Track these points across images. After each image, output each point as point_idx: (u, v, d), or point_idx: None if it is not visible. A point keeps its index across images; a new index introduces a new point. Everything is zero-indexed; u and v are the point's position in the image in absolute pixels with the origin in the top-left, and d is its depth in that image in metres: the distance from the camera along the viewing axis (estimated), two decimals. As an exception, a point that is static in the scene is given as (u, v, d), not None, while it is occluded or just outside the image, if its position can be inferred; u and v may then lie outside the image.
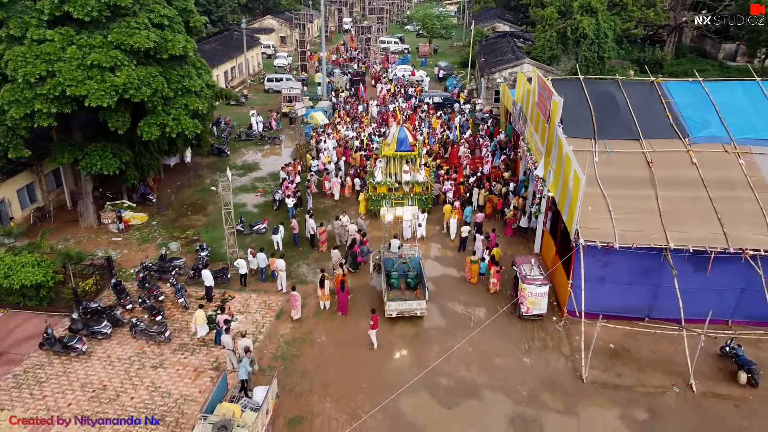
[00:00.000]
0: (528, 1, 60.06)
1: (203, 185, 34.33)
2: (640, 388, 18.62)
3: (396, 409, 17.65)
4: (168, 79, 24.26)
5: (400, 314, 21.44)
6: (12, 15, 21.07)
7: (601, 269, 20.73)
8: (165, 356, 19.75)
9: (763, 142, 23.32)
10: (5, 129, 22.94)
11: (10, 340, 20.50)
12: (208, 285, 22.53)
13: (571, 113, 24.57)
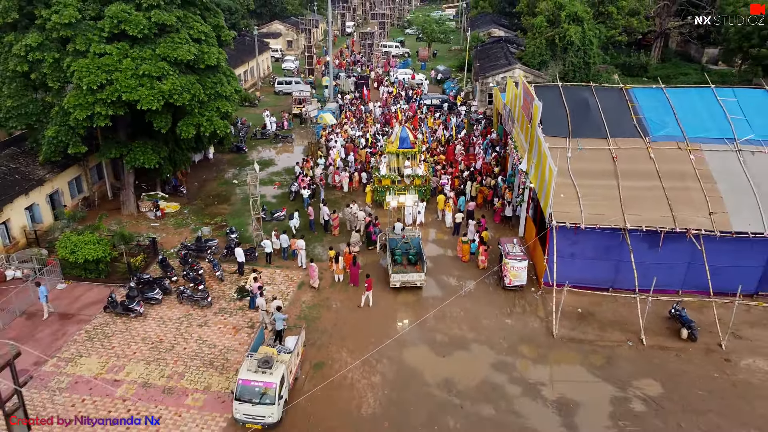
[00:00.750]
0: (521, 9, 64.10)
1: (225, 179, 38.41)
2: (601, 342, 22.68)
3: (400, 357, 21.71)
4: (203, 86, 28.26)
5: (402, 285, 25.49)
6: (78, 33, 25.05)
7: (571, 247, 24.79)
8: (208, 317, 23.80)
9: (712, 141, 27.38)
10: (67, 128, 26.96)
11: (77, 304, 24.54)
12: (240, 261, 26.59)
13: (549, 115, 28.61)
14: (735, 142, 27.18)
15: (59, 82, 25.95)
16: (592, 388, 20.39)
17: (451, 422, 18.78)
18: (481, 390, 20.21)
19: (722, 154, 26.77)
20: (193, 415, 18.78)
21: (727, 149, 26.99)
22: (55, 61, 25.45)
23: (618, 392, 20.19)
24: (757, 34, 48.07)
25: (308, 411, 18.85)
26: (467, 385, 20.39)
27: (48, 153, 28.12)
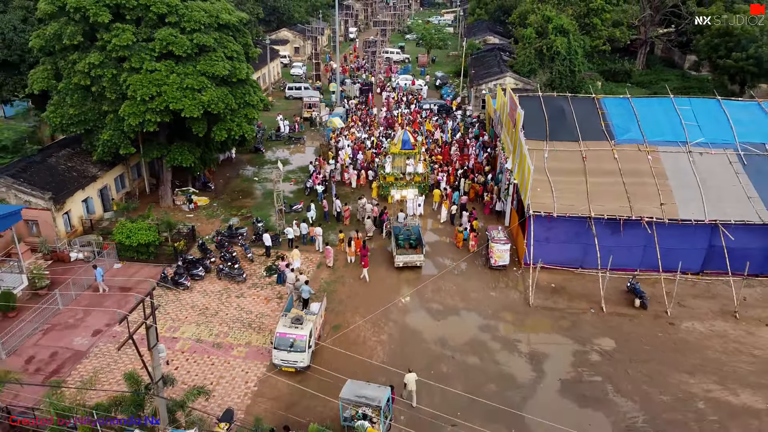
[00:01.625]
0: (513, 20, 68.99)
1: (247, 176, 43.24)
2: (569, 310, 27.53)
3: (403, 321, 26.57)
4: (234, 96, 33.06)
5: (405, 264, 30.33)
6: (133, 53, 29.81)
7: (546, 232, 29.65)
8: (243, 290, 28.64)
9: (667, 143, 32.25)
10: (120, 133, 31.75)
11: (133, 280, 29.36)
12: (267, 245, 31.42)
13: (530, 121, 33.47)
14: (687, 144, 32.07)
15: (116, 94, 30.70)
16: (559, 345, 25.26)
17: (444, 368, 23.62)
18: (468, 345, 25.08)
19: (675, 155, 31.66)
20: (239, 362, 23.63)
21: (680, 151, 31.88)
22: (113, 76, 30.22)
23: (579, 347, 25.06)
24: (724, 46, 52.96)
25: (330, 360, 23.61)
26: (457, 342, 25.26)
27: (102, 153, 32.93)
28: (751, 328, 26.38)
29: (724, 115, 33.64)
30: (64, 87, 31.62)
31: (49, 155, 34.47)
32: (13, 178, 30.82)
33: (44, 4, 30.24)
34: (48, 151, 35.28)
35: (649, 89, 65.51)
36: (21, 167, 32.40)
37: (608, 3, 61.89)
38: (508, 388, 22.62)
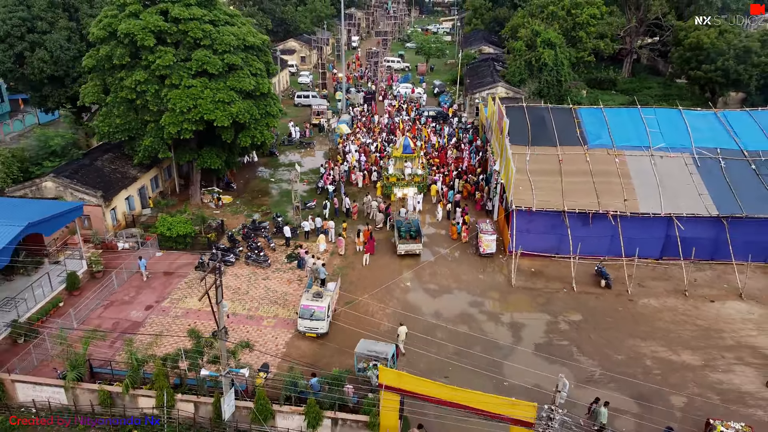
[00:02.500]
0: (505, 33, 74.06)
1: (264, 177, 48.25)
2: (545, 289, 32.51)
3: (405, 298, 31.56)
4: (257, 107, 38.08)
5: (406, 252, 35.31)
6: (173, 71, 34.83)
7: (527, 224, 34.63)
8: (268, 274, 33.62)
9: (633, 148, 37.27)
10: (159, 139, 36.77)
11: (174, 266, 34.34)
12: (287, 236, 36.42)
13: (515, 129, 38.52)
14: (649, 149, 37.11)
15: (157, 107, 35.71)
16: (535, 317, 30.24)
17: (439, 335, 28.59)
18: (459, 317, 30.08)
19: (639, 158, 36.70)
20: (269, 330, 28.62)
21: (643, 154, 36.92)
22: (155, 91, 35.23)
23: (552, 319, 30.05)
24: (695, 59, 58.02)
25: (345, 328, 28.54)
26: (450, 314, 30.26)
27: (142, 157, 37.95)
28: (698, 303, 31.38)
29: (684, 123, 38.70)
30: (111, 100, 36.64)
31: (94, 159, 39.52)
32: (68, 179, 35.84)
33: (97, 30, 35.28)
34: (93, 156, 40.36)
35: (632, 96, 70.36)
36: (73, 169, 37.44)
37: (593, 17, 66.74)
38: (492, 349, 27.57)
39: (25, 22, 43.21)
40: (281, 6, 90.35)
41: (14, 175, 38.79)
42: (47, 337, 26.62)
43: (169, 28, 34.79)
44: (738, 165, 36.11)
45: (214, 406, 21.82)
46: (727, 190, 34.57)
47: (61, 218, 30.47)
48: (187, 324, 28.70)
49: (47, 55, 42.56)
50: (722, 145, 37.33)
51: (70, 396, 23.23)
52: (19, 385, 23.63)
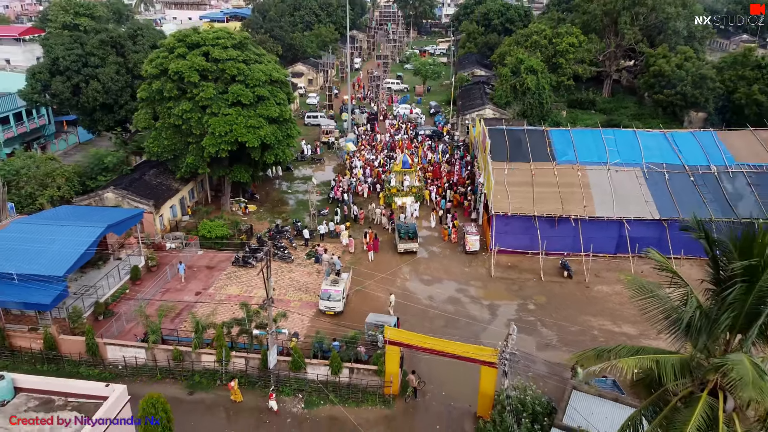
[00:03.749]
0: (494, 59, 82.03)
1: (282, 189, 55.79)
2: (518, 279, 39.90)
3: (404, 286, 38.94)
4: (281, 131, 45.65)
5: (405, 250, 42.72)
6: (213, 102, 42.42)
7: (504, 227, 42.07)
8: (291, 268, 41.00)
9: (593, 163, 44.74)
10: (200, 158, 44.27)
11: (214, 261, 41.73)
12: (306, 238, 43.86)
13: (496, 147, 46.07)
14: (607, 164, 44.63)
15: (199, 131, 43.26)
16: (509, 300, 37.60)
17: (431, 313, 35.92)
18: (448, 300, 37.46)
19: (598, 172, 44.20)
20: (296, 309, 35.95)
21: (602, 169, 44.42)
22: (198, 118, 42.80)
23: (522, 302, 37.41)
24: (658, 84, 65.82)
25: (356, 308, 35.90)
26: (440, 298, 37.64)
27: (184, 172, 45.48)
28: (641, 289, 38.70)
29: (637, 142, 46.29)
30: (160, 125, 44.22)
31: (143, 174, 47.05)
32: (125, 190, 43.35)
33: (150, 68, 42.96)
34: (141, 171, 47.87)
35: (610, 115, 78.15)
36: (128, 182, 44.96)
37: (572, 45, 74.64)
38: (473, 323, 34.91)
39: (81, 58, 51.02)
40: (290, 33, 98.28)
41: (76, 187, 46.26)
42: (123, 314, 34.05)
43: (210, 67, 42.48)
44: (679, 177, 43.64)
45: (262, 359, 29.14)
46: (669, 198, 42.07)
47: (128, 222, 37.89)
48: (230, 304, 36.10)
49: (100, 86, 50.30)
50: (668, 160, 44.86)
51: (150, 355, 30.53)
52: (109, 347, 30.92)
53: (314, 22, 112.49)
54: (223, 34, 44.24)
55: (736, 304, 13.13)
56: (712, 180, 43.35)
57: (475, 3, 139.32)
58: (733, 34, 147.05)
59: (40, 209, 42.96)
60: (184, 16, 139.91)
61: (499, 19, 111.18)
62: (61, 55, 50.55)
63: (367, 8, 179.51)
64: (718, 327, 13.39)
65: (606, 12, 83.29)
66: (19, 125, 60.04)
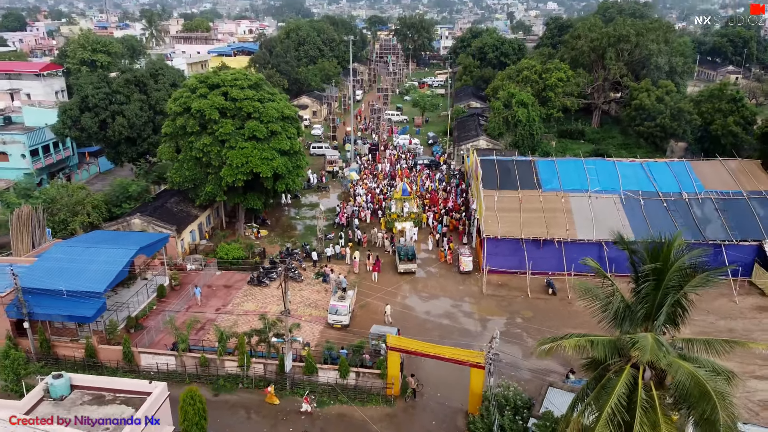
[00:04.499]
0: (487, 92, 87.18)
1: (291, 215, 60.20)
2: (507, 296, 44.00)
3: (404, 302, 43.06)
4: (291, 162, 50.18)
5: (404, 271, 46.91)
6: (231, 137, 47.00)
7: (495, 249, 46.32)
8: (302, 287, 45.13)
9: (575, 191, 49.17)
10: (217, 187, 48.72)
11: (231, 281, 45.89)
12: (314, 259, 48.11)
13: (487, 176, 50.58)
14: (588, 191, 49.07)
15: (218, 162, 47.78)
16: (499, 315, 41.67)
17: (428, 326, 39.98)
18: (443, 315, 41.54)
19: (579, 198, 48.62)
20: (307, 323, 39.98)
21: (583, 196, 48.85)
22: (217, 151, 47.36)
23: (510, 316, 41.48)
24: (639, 117, 70.70)
25: (360, 322, 39.95)
26: (437, 313, 41.73)
27: (203, 200, 49.92)
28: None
29: (616, 171, 50.81)
30: (182, 158, 48.80)
31: (165, 201, 51.50)
32: (150, 216, 47.75)
33: (174, 106, 47.70)
34: (163, 199, 52.33)
35: (598, 145, 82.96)
36: (151, 209, 49.37)
37: (560, 80, 79.76)
38: (466, 335, 38.92)
39: (108, 96, 55.90)
40: (295, 67, 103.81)
41: (104, 214, 50.62)
42: (152, 327, 38.15)
43: (228, 105, 47.20)
44: (653, 203, 48.05)
45: (279, 364, 33.15)
46: (643, 222, 46.37)
47: (156, 245, 42.19)
48: (248, 319, 40.18)
49: (125, 121, 55.11)
50: (643, 188, 49.33)
51: (179, 361, 34.55)
52: (143, 355, 34.95)
53: (318, 57, 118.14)
54: (241, 75, 49.13)
55: (648, 297, 17.39)
56: (683, 205, 47.76)
57: (472, 37, 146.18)
58: (719, 66, 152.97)
59: (72, 234, 47.29)
60: (192, 50, 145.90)
61: (494, 53, 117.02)
62: (91, 93, 55.43)
63: (368, 41, 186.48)
64: (636, 315, 17.60)
65: (593, 48, 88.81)
66: (47, 157, 64.73)
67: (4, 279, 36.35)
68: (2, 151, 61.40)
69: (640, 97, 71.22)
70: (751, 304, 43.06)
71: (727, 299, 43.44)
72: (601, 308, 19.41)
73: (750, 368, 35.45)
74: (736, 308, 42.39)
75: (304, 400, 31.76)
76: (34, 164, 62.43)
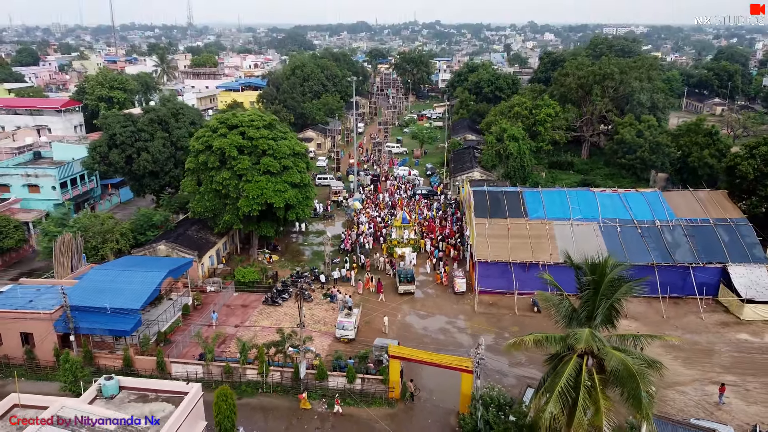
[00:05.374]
0: (482, 127, 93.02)
1: (299, 242, 65.34)
2: (497, 314, 48.85)
3: (404, 319, 47.94)
4: (301, 194, 55.49)
5: (404, 291, 51.86)
6: (247, 171, 52.38)
7: (485, 271, 51.31)
8: (311, 306, 50.00)
9: (559, 219, 54.35)
10: (235, 216, 53.92)
11: (247, 301, 50.80)
12: (322, 281, 53.10)
13: (479, 206, 55.82)
14: (570, 219, 54.25)
15: (236, 194, 53.05)
16: (489, 330, 46.47)
17: (426, 340, 44.77)
18: (439, 330, 46.38)
19: (562, 226, 53.78)
20: (317, 336, 44.74)
21: (565, 223, 54.02)
22: (235, 184, 52.69)
23: (499, 331, 46.30)
24: (621, 150, 76.29)
25: (365, 336, 44.74)
26: (433, 329, 46.57)
27: (222, 228, 55.10)
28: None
29: (596, 201, 56.06)
30: (203, 190, 54.13)
31: (186, 229, 56.69)
32: (174, 243, 52.87)
33: (197, 144, 53.21)
34: (184, 227, 57.51)
35: (586, 175, 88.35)
36: (174, 236, 54.52)
37: (549, 116, 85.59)
38: (459, 347, 43.67)
39: (134, 134, 61.52)
40: (301, 103, 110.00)
41: (130, 241, 55.75)
42: (179, 341, 42.97)
43: (245, 144, 52.71)
44: (629, 230, 53.21)
45: (294, 371, 37.93)
46: (620, 247, 51.42)
47: (182, 268, 47.29)
48: (264, 334, 45.02)
49: (149, 157, 60.64)
50: (620, 216, 54.53)
51: (206, 370, 39.31)
52: (174, 364, 39.73)
53: (322, 92, 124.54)
54: (256, 117, 54.79)
55: (588, 303, 22.42)
56: (655, 232, 52.90)
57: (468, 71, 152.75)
58: (706, 98, 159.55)
59: (103, 259, 52.41)
60: (201, 85, 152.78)
61: (489, 87, 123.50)
62: (118, 131, 61.05)
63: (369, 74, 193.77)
64: (580, 316, 22.60)
65: (580, 85, 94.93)
66: (74, 189, 70.09)
67: (51, 298, 41.46)
68: (35, 183, 66.78)
69: (621, 132, 76.85)
70: (716, 320, 47.89)
71: (695, 316, 48.39)
72: (557, 313, 24.41)
73: (709, 375, 40.24)
74: (702, 324, 47.23)
75: (336, 402, 36.46)
76: (63, 195, 67.76)
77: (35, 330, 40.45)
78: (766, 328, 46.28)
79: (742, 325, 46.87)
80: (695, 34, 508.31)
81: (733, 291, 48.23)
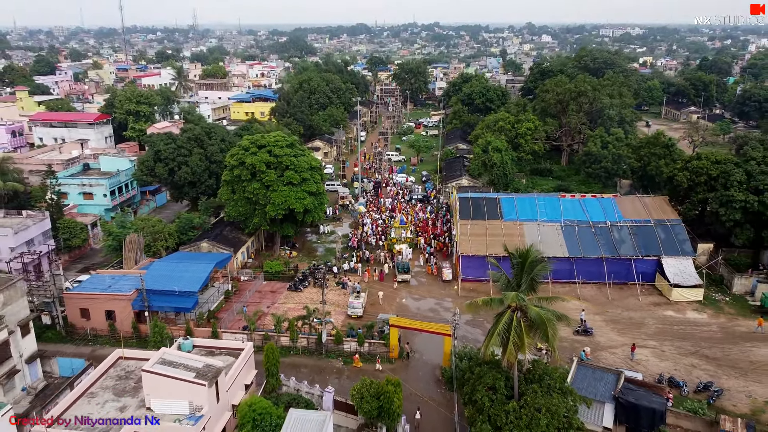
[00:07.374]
0: (471, 138, 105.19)
1: (313, 240, 77.42)
2: (476, 296, 60.65)
3: (401, 302, 60.01)
4: (317, 200, 67.46)
5: (401, 280, 63.90)
6: (273, 183, 64.31)
7: (468, 263, 63.31)
8: (327, 291, 61.91)
9: (528, 220, 66.34)
10: (263, 219, 65.89)
11: (275, 288, 62.82)
12: (335, 272, 65.14)
13: (463, 210, 67.86)
14: (537, 221, 66.27)
15: (264, 201, 64.98)
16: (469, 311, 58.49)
17: (419, 317, 56.74)
18: (429, 310, 58.48)
19: (530, 226, 65.79)
20: (333, 314, 56.74)
21: (533, 224, 66.03)
22: (264, 193, 64.64)
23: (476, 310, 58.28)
24: (588, 161, 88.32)
25: (370, 313, 56.71)
26: (425, 309, 58.69)
27: (251, 229, 67.13)
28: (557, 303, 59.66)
29: (559, 205, 68.09)
30: (237, 198, 66.10)
31: (222, 230, 68.72)
32: (214, 241, 64.90)
33: (231, 160, 65.21)
34: (219, 228, 69.52)
35: (564, 182, 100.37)
36: (213, 235, 66.53)
37: (529, 129, 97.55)
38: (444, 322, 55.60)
39: (175, 150, 73.58)
40: (309, 115, 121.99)
41: (176, 240, 67.72)
42: (225, 318, 54.99)
43: (272, 160, 64.73)
44: (585, 229, 65.25)
45: (318, 337, 49.96)
46: (576, 244, 63.47)
47: (224, 261, 59.33)
48: (290, 313, 57.00)
49: (189, 170, 72.70)
50: (578, 218, 66.57)
51: (249, 338, 51.31)
52: (224, 333, 51.74)
53: (327, 104, 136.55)
54: (281, 138, 66.83)
55: (517, 276, 34.55)
56: (606, 231, 64.98)
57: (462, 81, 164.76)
58: (683, 106, 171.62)
59: (155, 254, 64.38)
60: (215, 95, 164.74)
61: (481, 99, 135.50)
62: (162, 148, 73.07)
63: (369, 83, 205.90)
64: (512, 285, 34.70)
65: (558, 101, 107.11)
66: (120, 195, 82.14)
67: (126, 284, 53.48)
68: (89, 192, 78.83)
69: (589, 144, 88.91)
70: (650, 301, 60.02)
71: (634, 298, 60.53)
72: (499, 284, 36.53)
73: (636, 341, 52.25)
74: (639, 304, 59.36)
75: (377, 361, 48.33)
76: (111, 201, 79.78)
77: (117, 308, 52.42)
78: (688, 307, 58.42)
79: (670, 304, 58.99)
80: (691, 35, 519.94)
81: (665, 278, 60.30)
